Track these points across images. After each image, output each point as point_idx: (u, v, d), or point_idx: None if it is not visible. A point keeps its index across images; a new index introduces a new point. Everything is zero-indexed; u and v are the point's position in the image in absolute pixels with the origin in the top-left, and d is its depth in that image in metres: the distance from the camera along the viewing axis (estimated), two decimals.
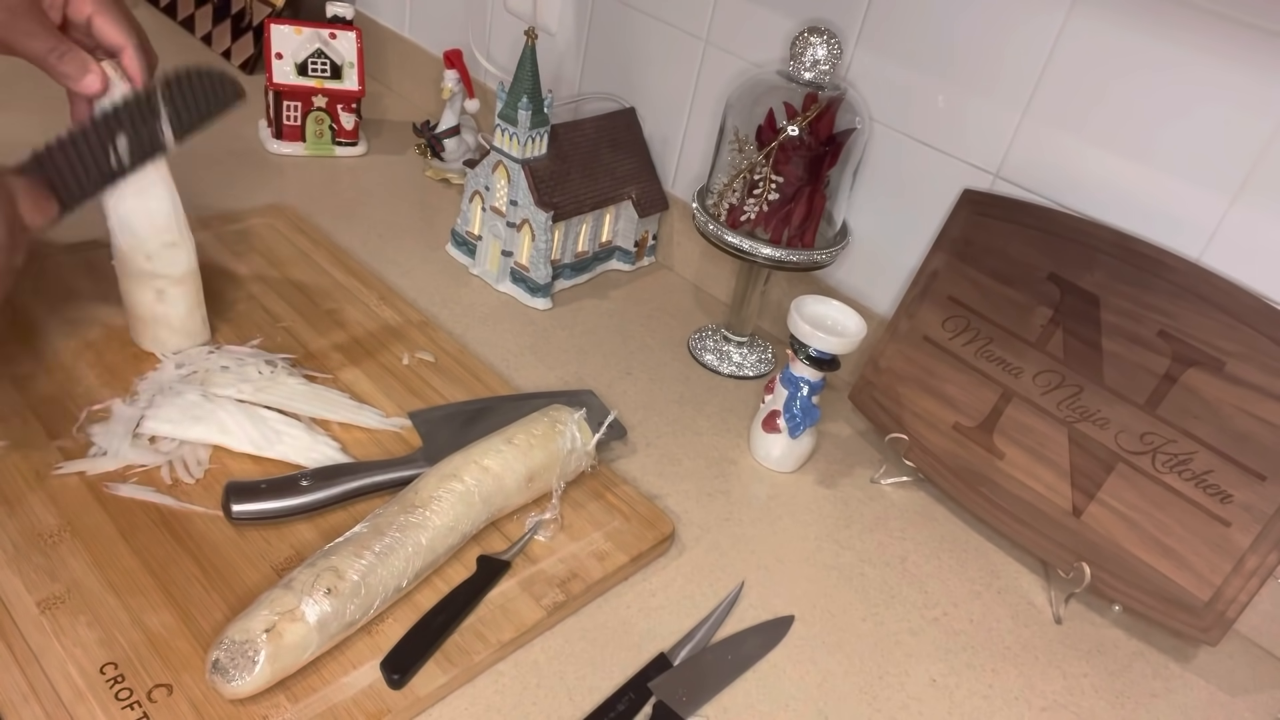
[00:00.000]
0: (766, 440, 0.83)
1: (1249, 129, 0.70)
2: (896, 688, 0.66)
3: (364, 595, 0.57)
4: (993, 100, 0.82)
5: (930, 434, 0.83)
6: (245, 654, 0.53)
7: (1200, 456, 0.71)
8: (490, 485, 0.66)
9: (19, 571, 0.59)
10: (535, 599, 0.65)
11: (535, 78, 0.91)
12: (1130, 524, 0.73)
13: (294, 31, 1.13)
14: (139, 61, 0.67)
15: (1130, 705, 0.69)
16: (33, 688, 0.53)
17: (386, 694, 0.56)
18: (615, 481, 0.76)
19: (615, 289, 1.05)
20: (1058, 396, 0.77)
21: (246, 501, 0.64)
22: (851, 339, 0.78)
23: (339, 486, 0.67)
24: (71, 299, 0.81)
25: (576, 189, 0.97)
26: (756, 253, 0.87)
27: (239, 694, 0.53)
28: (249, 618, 0.54)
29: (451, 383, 0.82)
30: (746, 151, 0.86)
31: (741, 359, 0.96)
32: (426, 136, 1.14)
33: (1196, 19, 0.70)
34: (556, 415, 0.72)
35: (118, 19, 0.67)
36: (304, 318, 0.86)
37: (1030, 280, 0.79)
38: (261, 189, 1.08)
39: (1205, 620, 0.69)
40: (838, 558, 0.76)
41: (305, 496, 0.66)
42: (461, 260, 1.03)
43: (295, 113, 1.15)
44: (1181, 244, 0.74)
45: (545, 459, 0.69)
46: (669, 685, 0.62)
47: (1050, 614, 0.75)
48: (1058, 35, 0.77)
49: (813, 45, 0.83)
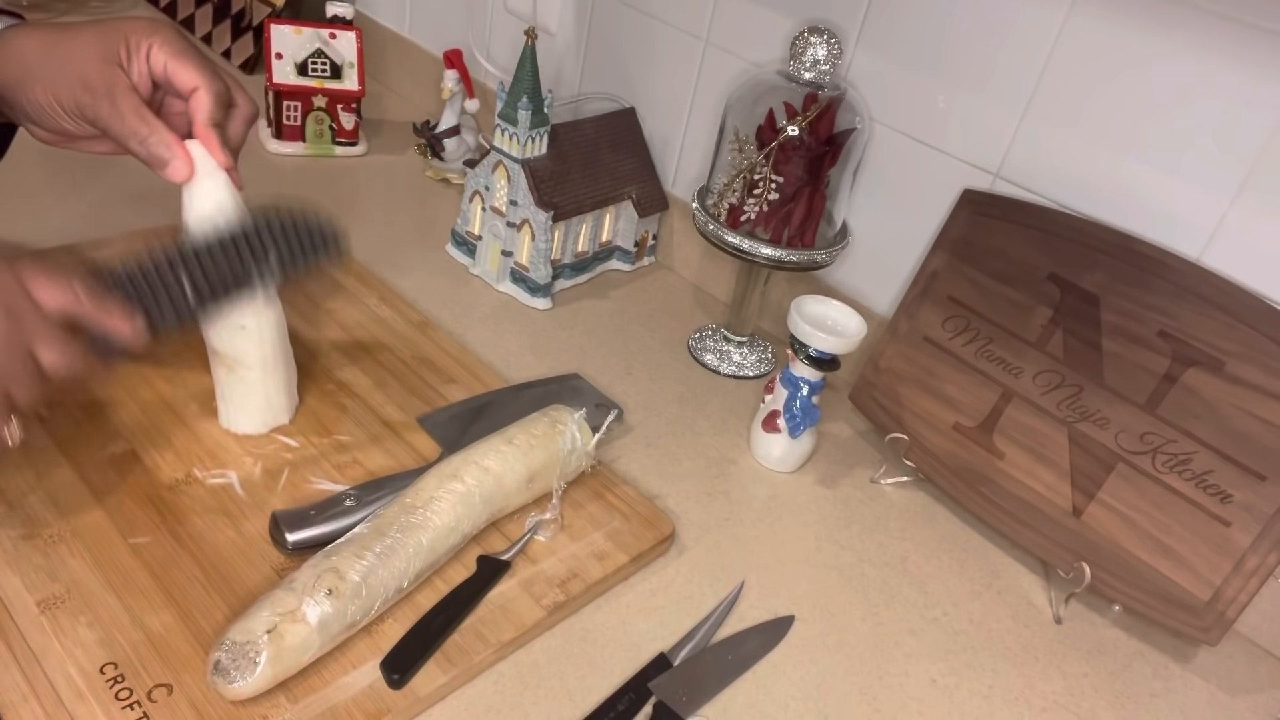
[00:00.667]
0: (766, 440, 0.83)
1: (1249, 128, 0.70)
2: (896, 688, 0.66)
3: (365, 596, 0.57)
4: (993, 100, 0.82)
5: (930, 434, 0.83)
6: (246, 655, 0.53)
7: (1200, 456, 0.71)
8: (491, 486, 0.66)
9: (19, 571, 0.59)
10: (535, 599, 0.65)
11: (535, 78, 0.91)
12: (1130, 524, 0.73)
13: (294, 31, 1.13)
14: (209, 104, 0.64)
15: (1130, 705, 0.69)
16: (33, 688, 0.53)
17: (386, 694, 0.56)
18: (615, 481, 0.76)
19: (615, 289, 1.05)
20: (1058, 396, 0.77)
21: (300, 530, 0.63)
22: (851, 339, 0.78)
23: (382, 500, 0.66)
24: None
25: (576, 189, 0.97)
26: (756, 253, 0.87)
27: (240, 695, 0.53)
28: (250, 619, 0.54)
29: (451, 383, 0.82)
30: (746, 151, 0.86)
31: (741, 359, 0.96)
32: (426, 136, 1.14)
33: (1196, 18, 0.70)
34: (557, 415, 0.72)
35: (193, 63, 0.64)
36: (304, 318, 0.86)
37: (1030, 280, 0.79)
38: (261, 189, 1.08)
39: (1205, 620, 0.69)
40: (838, 558, 0.76)
41: (353, 516, 0.65)
42: (461, 260, 1.03)
43: (295, 113, 1.15)
44: (1181, 244, 0.74)
45: (546, 459, 0.69)
46: (669, 685, 0.62)
47: (1050, 614, 0.75)
48: (1058, 35, 0.77)
49: (813, 45, 0.83)
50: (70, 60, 0.62)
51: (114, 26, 0.64)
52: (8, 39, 0.64)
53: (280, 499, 0.68)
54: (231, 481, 0.68)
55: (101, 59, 0.62)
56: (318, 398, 0.77)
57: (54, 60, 0.62)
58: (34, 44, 0.63)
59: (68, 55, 0.62)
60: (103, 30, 0.63)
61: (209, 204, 0.64)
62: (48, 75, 0.63)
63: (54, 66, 0.62)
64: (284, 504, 0.67)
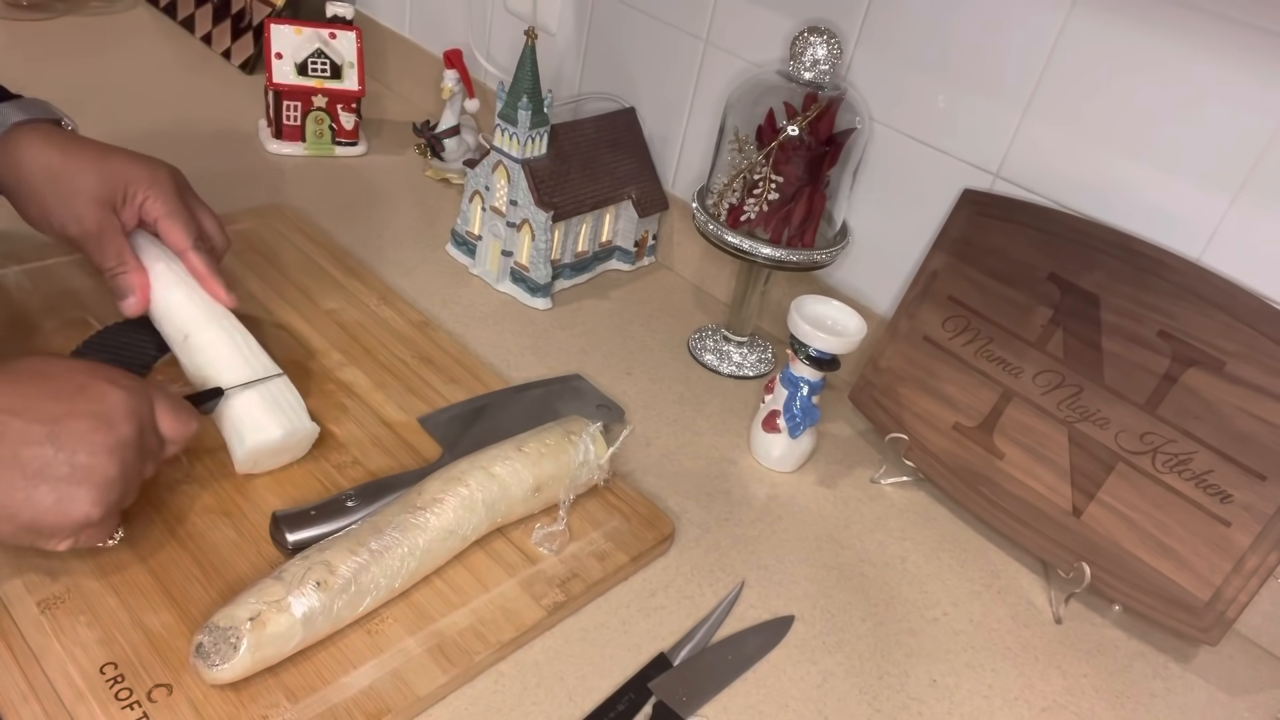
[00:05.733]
0: (766, 440, 0.83)
1: (1249, 129, 0.70)
2: (896, 688, 0.66)
3: (354, 592, 0.57)
4: (993, 100, 0.82)
5: (930, 434, 0.83)
6: (228, 640, 0.53)
7: (1200, 456, 0.71)
8: (495, 491, 0.65)
9: (19, 571, 0.59)
10: (535, 599, 0.65)
11: (535, 78, 0.91)
12: (1130, 524, 0.73)
13: (294, 31, 1.13)
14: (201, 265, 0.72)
15: (1130, 705, 0.69)
16: (33, 688, 0.53)
17: (386, 694, 0.56)
18: (615, 481, 0.76)
19: (615, 289, 1.05)
20: (1058, 396, 0.77)
21: (300, 530, 0.63)
22: (851, 339, 0.78)
23: (384, 500, 0.66)
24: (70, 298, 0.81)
25: (576, 189, 0.97)
26: (756, 253, 0.87)
27: (219, 679, 0.53)
28: (236, 605, 0.54)
29: (451, 383, 0.82)
30: (746, 151, 0.86)
31: (741, 359, 0.96)
32: (426, 136, 1.14)
33: (1197, 19, 0.70)
34: (571, 426, 0.72)
35: (181, 225, 0.72)
36: (304, 318, 0.86)
37: (1030, 280, 0.79)
38: (261, 189, 1.08)
39: (1205, 620, 0.69)
40: (838, 558, 0.76)
41: (353, 516, 0.65)
42: (461, 260, 1.03)
43: (295, 113, 1.15)
44: (1181, 244, 0.74)
45: (555, 470, 0.69)
46: (669, 685, 0.62)
47: (1050, 614, 0.75)
48: (1058, 35, 0.77)
49: (813, 45, 0.83)
50: (71, 197, 0.69)
51: (118, 171, 0.70)
52: (16, 145, 0.69)
53: (280, 499, 0.68)
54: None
55: (98, 203, 0.69)
56: (318, 398, 0.77)
57: (54, 191, 0.69)
58: (39, 166, 0.69)
59: (69, 191, 0.69)
60: (105, 173, 0.70)
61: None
62: (45, 203, 0.69)
63: (53, 198, 0.69)
64: (284, 504, 0.67)
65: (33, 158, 0.69)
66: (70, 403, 0.54)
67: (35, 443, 0.52)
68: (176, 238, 0.71)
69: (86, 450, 0.53)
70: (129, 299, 0.70)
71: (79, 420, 0.54)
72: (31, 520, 0.53)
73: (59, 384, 0.55)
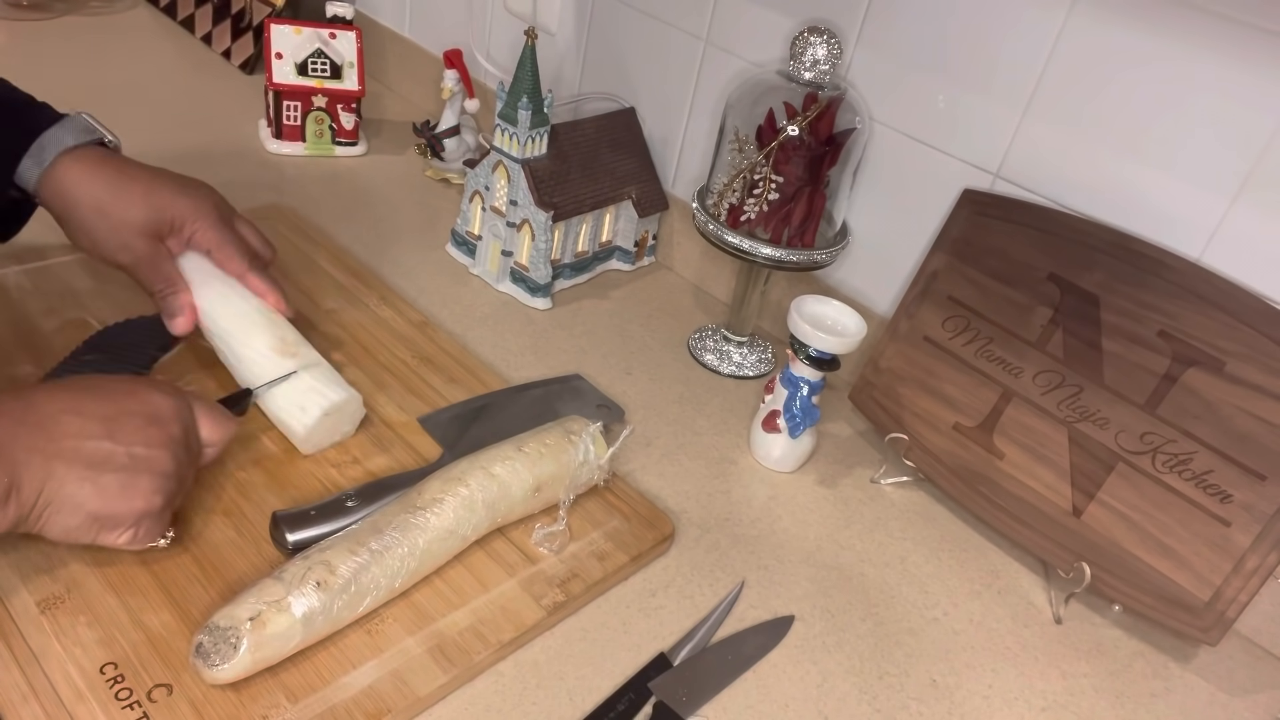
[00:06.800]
0: (766, 440, 0.83)
1: (1249, 129, 0.70)
2: (896, 688, 0.66)
3: (354, 592, 0.57)
4: (993, 100, 0.82)
5: (930, 434, 0.83)
6: (228, 640, 0.53)
7: (1200, 456, 0.71)
8: (495, 492, 0.65)
9: (19, 571, 0.59)
10: (535, 599, 0.65)
11: (535, 78, 0.91)
12: (1130, 524, 0.73)
13: (294, 31, 1.13)
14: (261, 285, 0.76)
15: (1130, 705, 0.69)
16: (33, 688, 0.53)
17: (386, 694, 0.56)
18: (615, 481, 0.76)
19: (615, 289, 1.05)
20: (1058, 396, 0.77)
21: (300, 531, 0.63)
22: (851, 339, 0.78)
23: (384, 500, 0.66)
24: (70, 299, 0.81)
25: (576, 189, 0.97)
26: (756, 253, 0.87)
27: (219, 679, 0.53)
28: (236, 605, 0.55)
29: (451, 383, 0.82)
30: (746, 151, 0.86)
31: (741, 359, 0.96)
32: (426, 136, 1.14)
33: (1196, 19, 0.70)
34: (572, 426, 0.72)
35: (234, 251, 0.75)
36: (304, 317, 0.86)
37: (1030, 280, 0.79)
38: (261, 189, 1.08)
39: (1205, 620, 0.69)
40: (838, 558, 0.76)
41: (353, 516, 0.65)
42: (461, 260, 1.03)
43: (295, 113, 1.15)
44: (1181, 244, 0.74)
45: (555, 469, 0.69)
46: (669, 685, 0.62)
47: (1050, 614, 0.75)
48: (1058, 35, 0.77)
49: (813, 45, 0.83)
50: (120, 230, 0.71)
51: (164, 204, 0.73)
52: (66, 173, 0.71)
53: (280, 499, 0.68)
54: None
55: (148, 236, 0.72)
56: None
57: (104, 225, 0.71)
58: (89, 201, 0.71)
59: (118, 225, 0.71)
60: (152, 206, 0.72)
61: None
62: (95, 235, 0.72)
63: (104, 231, 0.71)
64: (284, 504, 0.67)
65: (83, 191, 0.71)
66: (121, 403, 0.58)
67: (95, 437, 0.55)
68: (234, 266, 0.75)
69: (143, 443, 0.57)
70: (177, 319, 0.73)
71: (132, 418, 0.57)
72: (98, 509, 0.55)
73: (108, 389, 0.59)
